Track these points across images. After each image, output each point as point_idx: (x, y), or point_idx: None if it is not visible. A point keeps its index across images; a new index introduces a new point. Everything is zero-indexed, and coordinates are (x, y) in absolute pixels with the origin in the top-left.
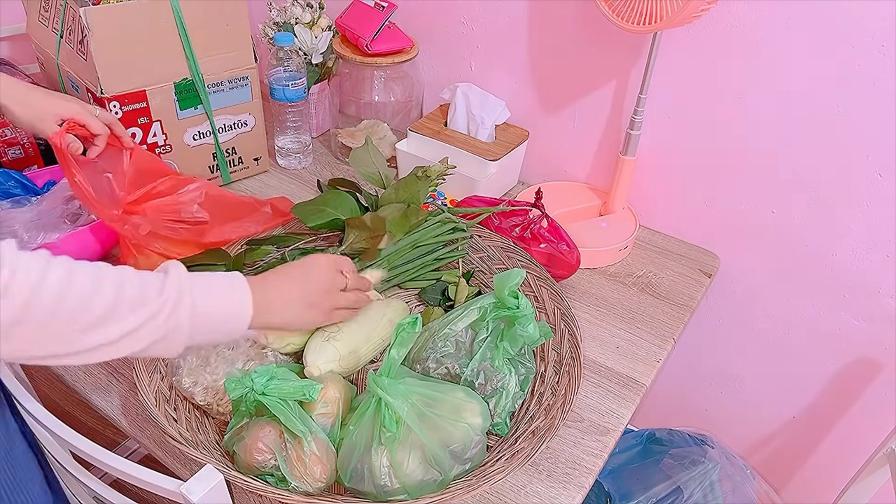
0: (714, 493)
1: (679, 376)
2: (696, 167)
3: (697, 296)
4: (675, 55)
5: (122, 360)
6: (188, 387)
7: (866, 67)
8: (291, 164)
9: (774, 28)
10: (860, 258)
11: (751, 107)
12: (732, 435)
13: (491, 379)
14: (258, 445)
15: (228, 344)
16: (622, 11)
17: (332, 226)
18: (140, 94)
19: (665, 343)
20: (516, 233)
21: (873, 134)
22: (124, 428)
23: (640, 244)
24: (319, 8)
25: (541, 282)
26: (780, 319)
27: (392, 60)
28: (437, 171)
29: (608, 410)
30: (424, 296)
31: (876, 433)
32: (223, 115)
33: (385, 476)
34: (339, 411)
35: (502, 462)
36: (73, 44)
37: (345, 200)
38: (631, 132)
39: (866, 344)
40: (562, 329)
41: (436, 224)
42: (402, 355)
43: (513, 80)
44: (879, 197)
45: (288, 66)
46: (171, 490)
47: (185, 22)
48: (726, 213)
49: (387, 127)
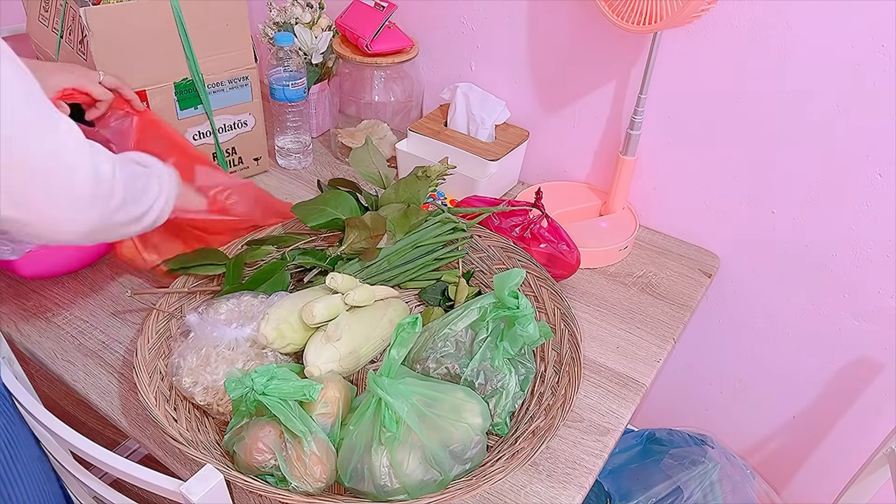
0: (714, 493)
1: (679, 376)
2: (696, 167)
3: (697, 296)
4: (676, 55)
5: (121, 361)
6: (188, 387)
7: (866, 67)
8: (291, 164)
9: (774, 28)
10: (860, 258)
11: (751, 107)
12: (732, 435)
13: (491, 379)
14: (258, 445)
15: (228, 344)
16: (622, 11)
17: (332, 225)
18: (140, 94)
19: (665, 343)
20: (516, 233)
21: (873, 134)
22: (124, 428)
23: (640, 244)
24: (319, 8)
25: (541, 282)
26: (780, 319)
27: (392, 60)
28: (437, 171)
29: (608, 410)
30: (424, 296)
31: (876, 433)
32: (223, 115)
33: (385, 476)
34: (339, 411)
35: (502, 462)
36: (73, 44)
37: (345, 200)
38: (631, 132)
39: (866, 344)
40: (562, 329)
41: (436, 224)
42: (402, 355)
43: (513, 80)
44: (879, 197)
45: (288, 66)
46: (171, 490)
47: (185, 22)
48: (726, 213)
49: (387, 127)
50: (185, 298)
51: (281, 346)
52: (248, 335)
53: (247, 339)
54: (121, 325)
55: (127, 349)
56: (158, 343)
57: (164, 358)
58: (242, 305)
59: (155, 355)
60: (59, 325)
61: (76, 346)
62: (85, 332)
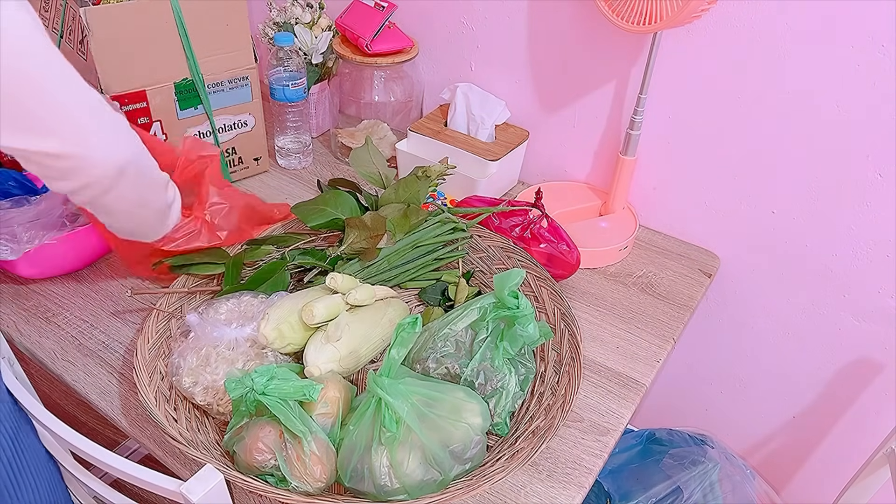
0: (714, 493)
1: (679, 376)
2: (696, 167)
3: (697, 296)
4: (676, 55)
5: (121, 361)
6: (188, 387)
7: (866, 67)
8: (291, 164)
9: (774, 28)
10: (860, 258)
11: (751, 107)
12: (732, 435)
13: (491, 379)
14: (258, 445)
15: (228, 344)
16: (622, 11)
17: (332, 226)
18: (140, 94)
19: (665, 343)
20: (516, 233)
21: (873, 134)
22: (124, 428)
23: (640, 244)
24: (319, 8)
25: (541, 282)
26: (780, 319)
27: (392, 60)
28: (437, 171)
29: (608, 410)
30: (424, 296)
31: (876, 433)
32: (223, 115)
33: (385, 476)
34: (339, 411)
35: (502, 462)
36: (73, 44)
37: (345, 200)
38: (631, 132)
39: (866, 344)
40: (562, 329)
41: (436, 224)
42: (402, 355)
43: (513, 80)
44: (879, 197)
45: (288, 66)
46: (171, 490)
47: (185, 22)
48: (726, 213)
49: (387, 127)
50: (185, 298)
51: (281, 346)
52: (248, 335)
53: (247, 339)
54: (121, 325)
55: (127, 349)
56: (158, 343)
57: (164, 358)
58: (242, 305)
59: (155, 355)
60: (59, 325)
61: (76, 346)
62: (85, 332)
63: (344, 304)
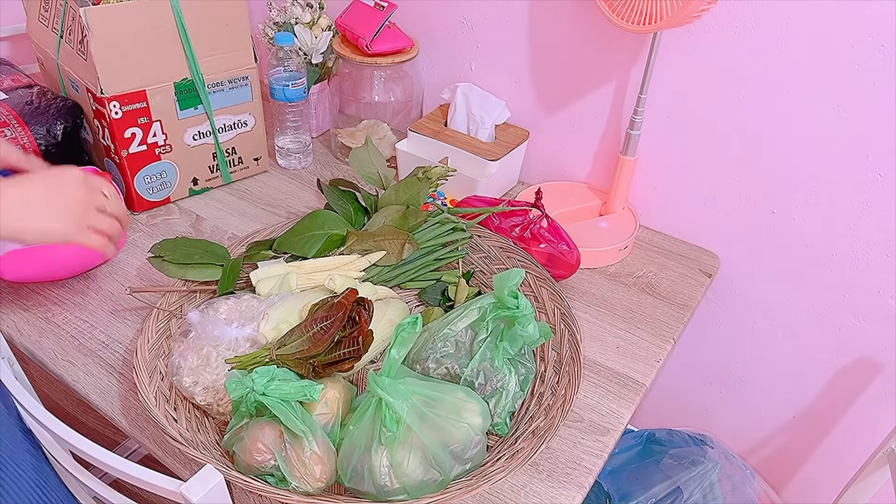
0: (714, 493)
1: (679, 376)
2: (696, 167)
3: (697, 296)
4: (675, 55)
5: (121, 361)
6: (188, 387)
7: (866, 67)
8: (291, 164)
9: (774, 28)
10: (860, 258)
11: (750, 107)
12: (732, 435)
13: (491, 379)
14: (258, 445)
15: (229, 343)
16: (622, 11)
17: (330, 246)
18: (140, 94)
19: (665, 343)
20: (516, 233)
21: (873, 134)
22: (124, 428)
23: (640, 244)
24: (319, 8)
25: (541, 282)
26: (779, 319)
27: (392, 60)
28: (438, 173)
29: (608, 410)
30: (424, 296)
31: (876, 433)
32: (223, 115)
33: (385, 476)
34: (339, 411)
35: (502, 462)
36: (73, 44)
37: (323, 216)
38: (631, 132)
39: (866, 344)
40: (562, 329)
41: (435, 224)
42: (402, 355)
43: (513, 80)
44: (879, 197)
45: (288, 66)
46: (171, 490)
47: (185, 22)
48: (726, 213)
49: (387, 127)
50: (186, 298)
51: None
52: (248, 335)
53: (247, 338)
54: (121, 325)
55: (127, 349)
56: (158, 343)
57: (164, 358)
58: (242, 305)
59: (155, 355)
60: (59, 325)
61: (76, 346)
62: (85, 332)
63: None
